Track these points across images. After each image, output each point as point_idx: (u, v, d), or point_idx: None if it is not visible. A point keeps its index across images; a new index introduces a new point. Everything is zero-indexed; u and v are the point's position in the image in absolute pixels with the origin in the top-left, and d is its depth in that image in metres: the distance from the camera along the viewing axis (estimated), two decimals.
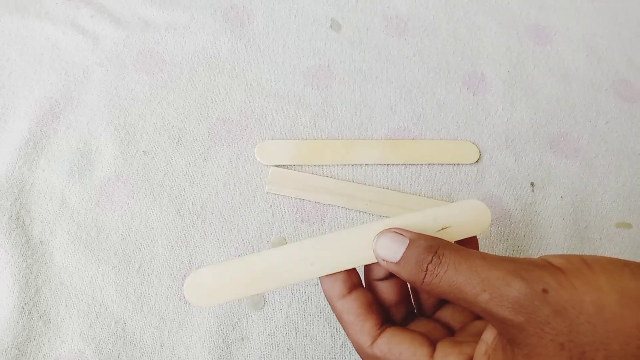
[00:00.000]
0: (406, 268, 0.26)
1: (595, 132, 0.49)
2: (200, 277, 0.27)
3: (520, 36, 0.54)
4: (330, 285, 0.28)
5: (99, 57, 0.47)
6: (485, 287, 0.23)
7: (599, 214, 0.45)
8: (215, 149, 0.44)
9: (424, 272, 0.25)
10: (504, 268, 0.23)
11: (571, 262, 0.23)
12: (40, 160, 0.42)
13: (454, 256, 0.24)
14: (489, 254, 0.24)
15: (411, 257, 0.26)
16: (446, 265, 0.24)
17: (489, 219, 0.29)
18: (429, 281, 0.25)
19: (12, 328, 0.36)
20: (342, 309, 0.28)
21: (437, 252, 0.25)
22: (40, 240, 0.40)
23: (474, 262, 0.24)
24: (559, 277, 0.22)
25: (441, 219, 0.28)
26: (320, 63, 0.49)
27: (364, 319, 0.27)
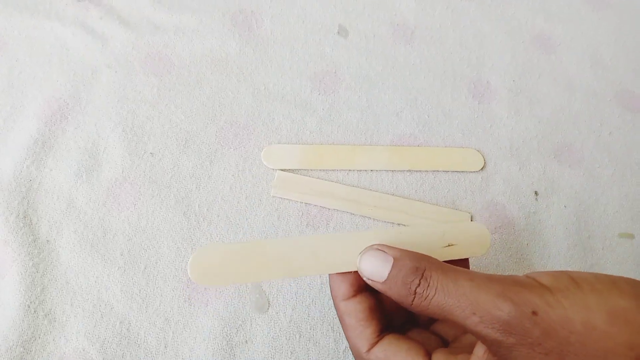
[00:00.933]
0: (393, 289, 0.26)
1: (599, 142, 0.49)
2: (206, 255, 0.27)
3: (526, 45, 0.54)
4: (337, 285, 0.28)
5: (107, 59, 0.47)
6: (474, 310, 0.23)
7: (602, 224, 0.46)
8: (222, 151, 0.45)
9: (413, 295, 0.25)
10: (492, 290, 0.23)
11: (559, 281, 0.23)
12: (48, 160, 0.42)
13: (441, 278, 0.24)
14: (476, 273, 0.24)
15: (397, 277, 0.26)
16: (434, 288, 0.24)
17: (488, 243, 0.30)
18: (417, 304, 0.25)
19: (17, 326, 0.37)
20: (345, 311, 0.28)
21: (424, 274, 0.25)
22: (46, 239, 0.40)
23: (462, 284, 0.24)
24: (548, 298, 0.22)
25: (449, 236, 0.29)
26: (327, 68, 0.49)
27: (364, 325, 0.28)
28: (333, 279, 0.29)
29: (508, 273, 0.43)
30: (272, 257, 0.27)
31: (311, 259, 0.28)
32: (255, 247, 0.27)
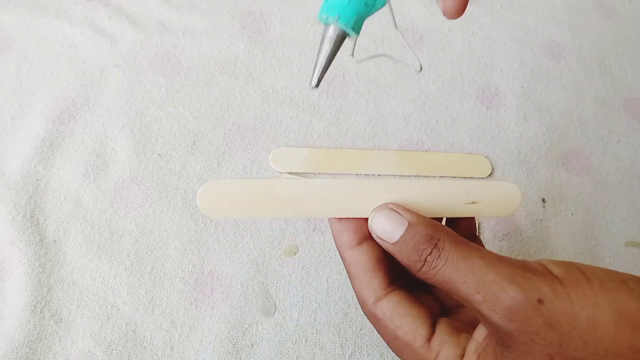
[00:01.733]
0: (403, 252, 0.25)
1: (607, 150, 0.49)
2: (217, 188, 0.27)
3: (535, 52, 0.54)
4: (340, 233, 0.28)
5: (116, 59, 0.47)
6: (479, 289, 0.22)
7: (609, 232, 0.46)
8: (230, 154, 0.44)
9: (422, 262, 0.24)
10: (500, 271, 0.22)
11: (570, 272, 0.22)
12: (55, 160, 0.42)
13: (453, 250, 0.24)
14: (489, 252, 0.24)
15: (409, 242, 0.25)
16: (444, 259, 0.24)
17: (517, 204, 0.29)
18: (425, 271, 0.24)
19: (23, 326, 0.36)
20: (350, 261, 0.27)
21: (438, 244, 0.24)
22: (53, 239, 0.40)
23: (471, 261, 0.23)
24: (556, 288, 0.21)
25: (474, 193, 0.28)
26: (336, 72, 0.49)
27: (371, 275, 0.27)
28: (335, 226, 0.28)
29: None
30: (283, 196, 0.27)
31: (322, 202, 0.27)
32: (266, 185, 0.27)
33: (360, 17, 0.27)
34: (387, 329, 0.26)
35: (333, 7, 0.26)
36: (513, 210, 0.29)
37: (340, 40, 0.27)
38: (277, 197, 0.27)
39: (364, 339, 0.39)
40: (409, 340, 0.26)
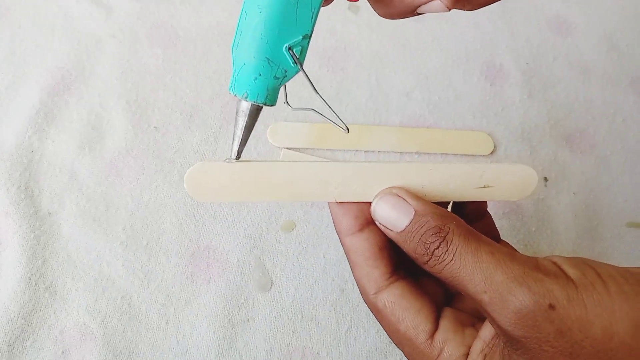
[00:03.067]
0: (409, 243, 0.24)
1: (612, 129, 0.48)
2: (206, 171, 0.25)
3: (541, 27, 0.52)
4: (339, 218, 0.26)
5: (112, 28, 0.46)
6: (486, 289, 0.21)
7: (611, 212, 0.45)
8: (227, 127, 0.44)
9: (429, 256, 0.23)
10: (510, 271, 0.21)
11: (585, 275, 0.21)
12: (50, 131, 0.42)
13: (462, 244, 0.22)
14: (500, 247, 0.23)
15: (416, 233, 0.24)
16: (452, 253, 0.22)
17: (533, 187, 0.28)
18: (432, 265, 0.23)
19: (18, 298, 0.36)
20: (351, 247, 0.26)
21: (446, 237, 0.23)
22: (48, 211, 0.39)
23: (480, 257, 0.22)
24: (570, 292, 0.20)
25: (487, 177, 0.27)
26: (337, 45, 0.48)
27: (372, 264, 0.25)
28: (334, 210, 0.26)
29: None
30: (277, 179, 0.25)
31: (320, 186, 0.25)
32: (259, 168, 0.25)
33: (272, 89, 0.26)
34: (388, 322, 0.25)
35: (240, 84, 0.25)
36: (527, 194, 0.28)
37: (256, 111, 0.26)
38: (271, 181, 0.25)
39: (360, 315, 0.39)
40: (410, 335, 0.25)
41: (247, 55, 0.24)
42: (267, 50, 0.24)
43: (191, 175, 0.25)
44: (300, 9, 0.24)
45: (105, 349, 0.36)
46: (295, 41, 0.24)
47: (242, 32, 0.24)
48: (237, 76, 0.25)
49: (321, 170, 0.26)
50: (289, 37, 0.24)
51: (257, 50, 0.24)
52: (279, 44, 0.24)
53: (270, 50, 0.24)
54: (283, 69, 0.25)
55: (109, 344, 0.36)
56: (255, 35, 0.24)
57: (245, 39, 0.24)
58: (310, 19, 0.24)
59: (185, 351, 0.37)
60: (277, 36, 0.24)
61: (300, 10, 0.24)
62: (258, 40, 0.24)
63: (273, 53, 0.24)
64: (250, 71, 0.25)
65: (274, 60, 0.25)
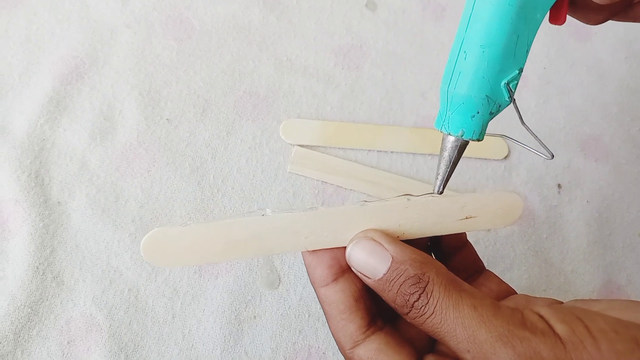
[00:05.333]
0: (387, 292, 0.22)
1: (628, 137, 0.47)
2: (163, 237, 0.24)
3: (559, 32, 0.52)
4: (313, 268, 0.24)
5: (127, 19, 0.46)
6: (469, 347, 0.20)
7: (624, 222, 0.44)
8: (240, 122, 0.43)
9: (409, 308, 0.22)
10: (495, 328, 0.20)
11: (574, 331, 0.19)
12: (62, 120, 0.41)
13: (443, 297, 0.21)
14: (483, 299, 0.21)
15: (394, 282, 0.22)
16: (433, 306, 0.21)
17: (519, 212, 0.27)
18: (412, 317, 0.22)
19: (26, 287, 0.36)
20: (325, 299, 0.24)
21: (426, 288, 0.21)
22: (58, 200, 0.39)
23: (463, 312, 0.20)
24: (558, 352, 0.19)
25: (469, 208, 0.26)
26: (353, 42, 0.48)
27: (347, 318, 0.23)
28: (307, 260, 0.24)
29: (524, 266, 0.42)
30: (242, 237, 0.24)
31: (289, 237, 0.24)
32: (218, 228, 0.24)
33: (486, 125, 0.26)
34: None
35: (455, 123, 0.25)
36: (513, 220, 0.27)
37: (463, 148, 0.26)
38: (234, 240, 0.24)
39: None
40: None
41: (466, 94, 0.24)
42: (487, 88, 0.24)
43: (149, 242, 0.24)
44: (519, 44, 0.24)
45: (110, 340, 0.36)
46: (512, 76, 0.25)
47: (461, 72, 0.24)
48: (452, 115, 0.25)
49: (289, 222, 0.24)
50: (507, 72, 0.25)
51: (478, 89, 0.24)
52: (499, 81, 0.24)
53: (490, 88, 0.24)
54: (498, 104, 0.25)
55: (115, 336, 0.36)
56: (477, 75, 0.24)
57: (465, 79, 0.24)
58: (525, 52, 0.25)
59: (191, 346, 0.37)
60: (498, 73, 0.24)
61: (519, 45, 0.24)
62: (480, 79, 0.24)
63: (493, 90, 0.24)
64: (467, 110, 0.25)
65: (492, 97, 0.25)
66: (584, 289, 0.42)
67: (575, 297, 0.41)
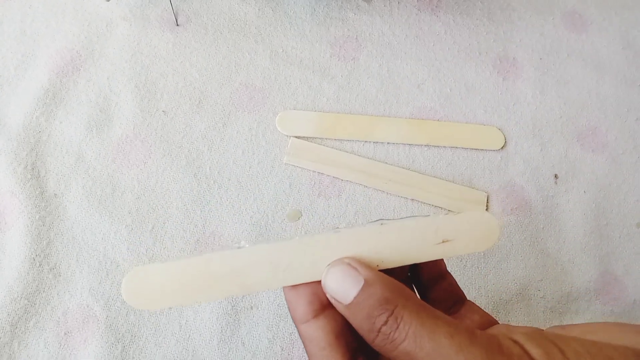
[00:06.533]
0: (356, 318, 0.22)
1: (625, 128, 0.47)
2: (143, 276, 0.23)
3: (556, 22, 0.52)
4: (294, 304, 0.24)
5: (123, 11, 0.46)
6: None
7: (621, 212, 0.44)
8: (236, 114, 0.43)
9: (376, 333, 0.21)
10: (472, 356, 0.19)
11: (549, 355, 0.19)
12: (58, 112, 0.41)
13: (415, 324, 0.20)
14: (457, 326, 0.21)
15: (363, 306, 0.21)
16: (404, 332, 0.20)
17: (496, 235, 0.25)
18: (381, 344, 0.21)
19: (22, 278, 0.36)
20: (305, 336, 0.23)
21: (395, 311, 0.21)
22: (54, 192, 0.39)
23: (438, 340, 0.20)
24: None
25: (444, 231, 0.25)
26: (349, 34, 0.48)
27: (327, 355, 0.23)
28: (288, 296, 0.24)
29: (521, 256, 0.42)
30: (221, 273, 0.23)
31: (268, 271, 0.23)
32: (199, 265, 0.23)
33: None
34: None
35: None
36: (492, 242, 0.25)
37: None
38: (214, 276, 0.23)
39: None
40: None
41: None
42: None
43: (129, 281, 0.23)
44: None
45: (107, 331, 0.36)
46: None
47: None
48: None
49: (266, 254, 0.23)
50: None
51: None
52: None
53: None
54: None
55: (112, 327, 0.36)
56: None
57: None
58: None
59: (188, 337, 0.37)
60: None
61: None
62: None
63: None
64: None
65: None
66: (580, 279, 0.42)
67: (572, 287, 0.41)
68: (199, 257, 0.23)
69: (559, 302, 0.41)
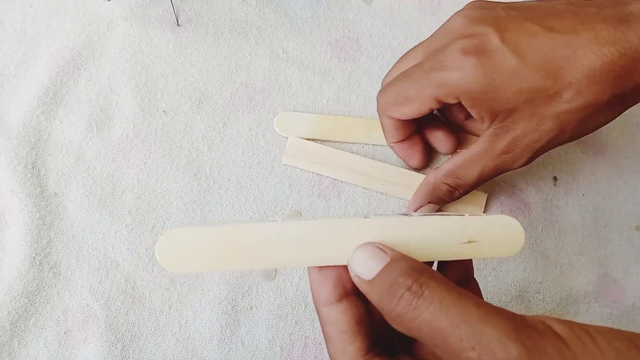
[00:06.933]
0: (378, 290, 0.22)
1: (626, 130, 0.47)
2: (177, 239, 0.23)
3: None
4: (318, 285, 0.24)
5: (124, 10, 0.46)
6: (474, 344, 0.19)
7: (620, 215, 0.44)
8: (236, 114, 0.43)
9: (398, 298, 0.21)
10: (501, 326, 0.19)
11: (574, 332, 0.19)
12: (58, 111, 0.41)
13: (441, 292, 0.20)
14: (484, 302, 0.21)
15: (386, 277, 0.22)
16: (429, 300, 0.20)
17: (522, 241, 0.25)
18: (402, 312, 0.20)
19: (22, 277, 0.36)
20: (326, 319, 0.24)
21: (420, 279, 0.21)
22: (54, 192, 0.39)
23: (467, 308, 0.20)
24: (563, 351, 0.19)
25: (470, 231, 0.24)
26: (349, 35, 0.48)
27: (347, 339, 0.23)
28: (313, 277, 0.24)
29: (520, 259, 0.42)
30: (251, 244, 0.24)
31: (298, 248, 0.24)
32: (232, 232, 0.23)
33: None
34: None
35: None
36: (518, 248, 0.25)
37: None
38: (246, 245, 0.23)
39: None
40: None
41: None
42: None
43: (165, 242, 0.23)
44: None
45: (107, 331, 0.36)
46: None
47: None
48: None
49: (297, 231, 0.24)
50: None
51: None
52: None
53: None
54: None
55: (112, 327, 0.36)
56: None
57: None
58: None
59: (188, 336, 0.37)
60: None
61: None
62: None
63: None
64: None
65: None
66: (579, 282, 0.42)
67: (571, 289, 0.42)
68: (232, 225, 0.24)
69: (559, 304, 0.41)
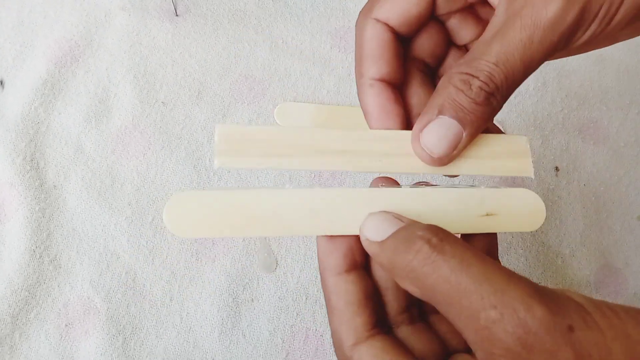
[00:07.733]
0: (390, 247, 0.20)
1: (627, 120, 0.47)
2: (186, 202, 0.22)
3: None
4: (326, 253, 0.23)
5: (122, 1, 0.45)
6: (497, 303, 0.18)
7: (622, 205, 0.44)
8: (235, 105, 0.43)
9: (415, 251, 0.19)
10: (524, 287, 0.18)
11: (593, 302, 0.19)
12: (57, 103, 0.41)
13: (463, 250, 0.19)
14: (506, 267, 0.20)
15: (400, 235, 0.20)
16: (450, 254, 0.19)
17: (543, 216, 0.24)
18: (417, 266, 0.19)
19: (22, 270, 0.36)
20: (333, 289, 0.23)
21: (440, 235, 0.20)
22: (54, 184, 0.39)
23: (489, 268, 0.19)
24: (585, 315, 0.18)
25: (489, 203, 0.23)
26: (350, 24, 0.47)
27: (354, 311, 0.22)
28: (322, 245, 0.23)
29: (522, 249, 0.42)
30: (262, 210, 0.23)
31: (310, 216, 0.23)
32: (243, 196, 0.23)
33: None
34: None
35: None
36: (538, 224, 0.24)
37: None
38: (255, 211, 0.23)
39: None
40: None
41: None
42: None
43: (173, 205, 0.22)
44: None
45: (108, 323, 0.36)
46: None
47: None
48: None
49: (308, 198, 0.23)
50: None
51: None
52: None
53: None
54: None
55: (113, 319, 0.36)
56: None
57: None
58: None
59: (189, 328, 0.37)
60: None
61: None
62: None
63: None
64: None
65: None
66: (581, 272, 0.42)
67: (572, 279, 0.42)
68: (242, 190, 0.23)
69: None
